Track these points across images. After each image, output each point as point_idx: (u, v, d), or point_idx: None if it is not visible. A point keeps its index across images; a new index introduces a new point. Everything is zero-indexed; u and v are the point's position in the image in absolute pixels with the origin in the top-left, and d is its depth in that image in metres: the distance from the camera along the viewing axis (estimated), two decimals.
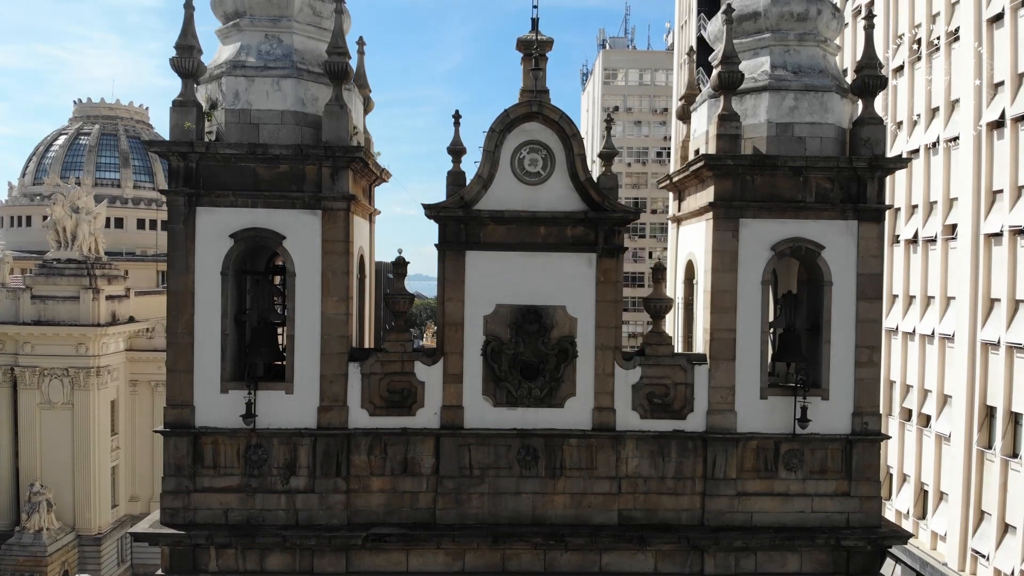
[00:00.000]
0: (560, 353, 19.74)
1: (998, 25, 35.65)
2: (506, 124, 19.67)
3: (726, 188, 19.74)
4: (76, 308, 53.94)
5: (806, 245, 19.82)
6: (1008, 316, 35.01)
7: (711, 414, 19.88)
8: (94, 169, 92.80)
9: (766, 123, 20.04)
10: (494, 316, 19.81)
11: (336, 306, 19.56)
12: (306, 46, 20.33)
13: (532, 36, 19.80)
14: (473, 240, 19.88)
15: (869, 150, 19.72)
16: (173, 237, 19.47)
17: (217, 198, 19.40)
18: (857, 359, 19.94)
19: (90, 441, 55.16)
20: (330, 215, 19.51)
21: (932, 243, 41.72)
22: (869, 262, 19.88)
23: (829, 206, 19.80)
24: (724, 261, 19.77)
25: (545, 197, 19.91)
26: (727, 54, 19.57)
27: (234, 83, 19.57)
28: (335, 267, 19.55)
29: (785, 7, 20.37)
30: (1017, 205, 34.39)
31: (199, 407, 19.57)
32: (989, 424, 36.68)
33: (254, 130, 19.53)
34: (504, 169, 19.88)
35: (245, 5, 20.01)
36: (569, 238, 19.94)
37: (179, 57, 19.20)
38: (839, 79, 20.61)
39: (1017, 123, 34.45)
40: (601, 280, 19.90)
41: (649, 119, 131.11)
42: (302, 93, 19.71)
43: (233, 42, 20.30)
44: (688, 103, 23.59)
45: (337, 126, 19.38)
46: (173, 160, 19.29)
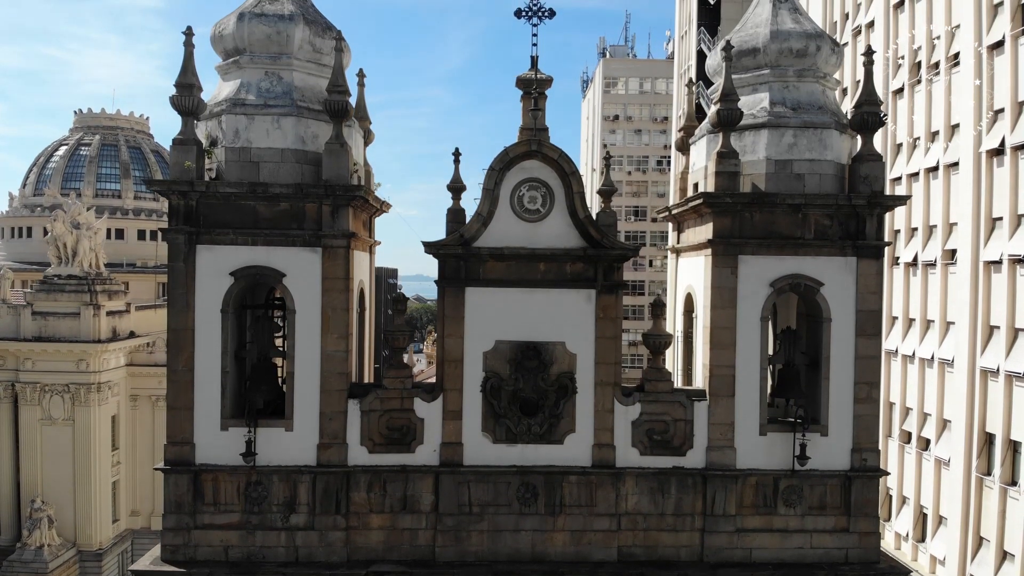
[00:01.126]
0: (560, 389, 19.77)
1: (999, 52, 35.66)
2: (505, 162, 19.73)
3: (725, 225, 19.78)
4: (77, 324, 53.96)
5: (805, 282, 19.85)
6: (1007, 344, 34.96)
7: (711, 450, 19.91)
8: (95, 180, 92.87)
9: (765, 160, 20.07)
10: (494, 352, 19.84)
11: (336, 343, 19.59)
12: (306, 83, 20.39)
13: (531, 75, 19.84)
14: (473, 276, 19.93)
15: (868, 187, 19.76)
16: (173, 275, 19.51)
17: (217, 236, 19.45)
18: (856, 395, 19.98)
19: (91, 457, 55.16)
20: (330, 253, 19.56)
21: (932, 267, 41.69)
22: (868, 299, 19.92)
23: (828, 243, 19.83)
24: (723, 298, 19.81)
25: (544, 234, 19.95)
26: (726, 91, 19.60)
27: (234, 121, 19.62)
28: (335, 304, 19.59)
29: (784, 44, 20.42)
30: (1017, 233, 34.39)
31: (199, 444, 19.60)
32: (988, 451, 36.63)
33: (254, 168, 19.58)
34: (504, 206, 19.92)
35: (245, 42, 20.05)
36: (568, 274, 19.98)
37: (179, 95, 19.23)
38: (838, 115, 20.66)
39: (1017, 151, 34.43)
40: (600, 316, 19.94)
41: (649, 127, 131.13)
42: (302, 131, 19.76)
43: (233, 79, 20.36)
44: (687, 135, 23.63)
45: (337, 164, 19.43)
46: (173, 198, 19.33)
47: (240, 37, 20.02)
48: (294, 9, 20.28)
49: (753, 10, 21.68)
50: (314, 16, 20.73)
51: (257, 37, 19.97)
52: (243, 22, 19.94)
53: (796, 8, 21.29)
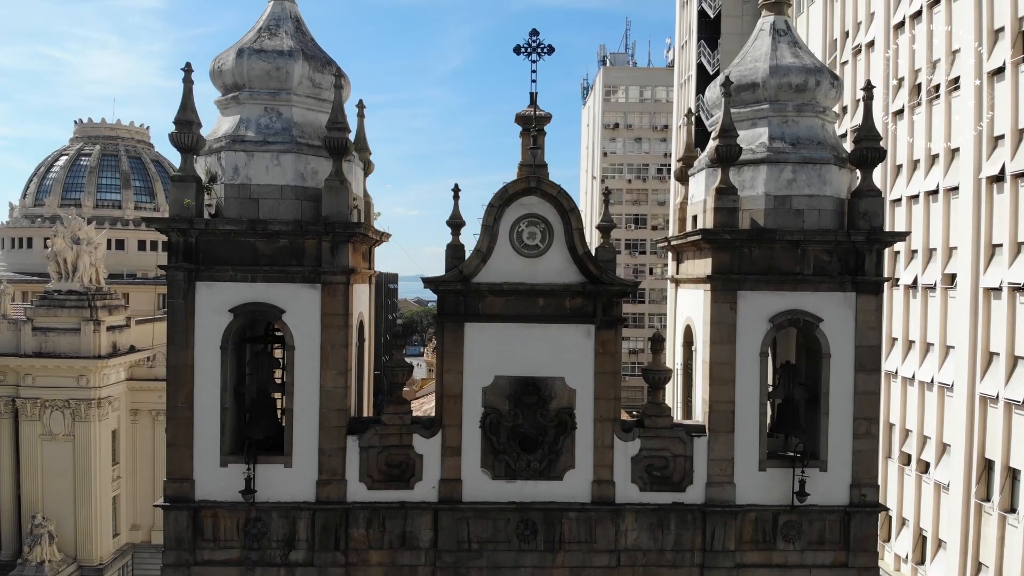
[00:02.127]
0: (559, 425, 19.78)
1: (999, 78, 35.63)
2: (505, 199, 19.75)
3: (724, 261, 19.80)
4: (77, 340, 53.95)
5: (804, 317, 19.87)
6: (1007, 371, 34.91)
7: (710, 486, 19.92)
8: (95, 191, 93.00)
9: (764, 196, 20.08)
10: (493, 388, 19.85)
11: (335, 379, 19.61)
12: (306, 118, 20.41)
13: (531, 112, 19.86)
14: (472, 312, 19.94)
15: (867, 223, 19.77)
16: (173, 312, 19.53)
17: (217, 273, 19.47)
18: (855, 431, 19.99)
19: (91, 472, 55.12)
20: (330, 289, 19.57)
21: (931, 290, 41.67)
22: (867, 334, 19.92)
23: (827, 279, 19.85)
24: (722, 333, 19.82)
25: (544, 269, 19.97)
26: (725, 127, 19.63)
27: (234, 158, 19.64)
28: (334, 340, 19.60)
29: (784, 79, 20.43)
30: (1017, 261, 34.39)
31: (199, 481, 19.61)
32: (987, 477, 36.56)
33: (254, 205, 19.60)
34: (503, 242, 19.95)
35: (244, 78, 20.07)
36: (568, 309, 19.99)
37: (178, 132, 19.24)
38: (838, 149, 20.66)
39: (1017, 179, 34.38)
40: (600, 351, 19.94)
41: (649, 135, 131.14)
42: (302, 167, 19.77)
43: (232, 114, 20.38)
44: (686, 166, 23.61)
45: (337, 201, 19.45)
46: (173, 236, 19.35)
47: (239, 73, 20.04)
48: (293, 45, 20.30)
49: (752, 43, 21.70)
50: (313, 51, 20.75)
51: (256, 73, 19.99)
52: (242, 58, 19.95)
53: (795, 42, 21.31)
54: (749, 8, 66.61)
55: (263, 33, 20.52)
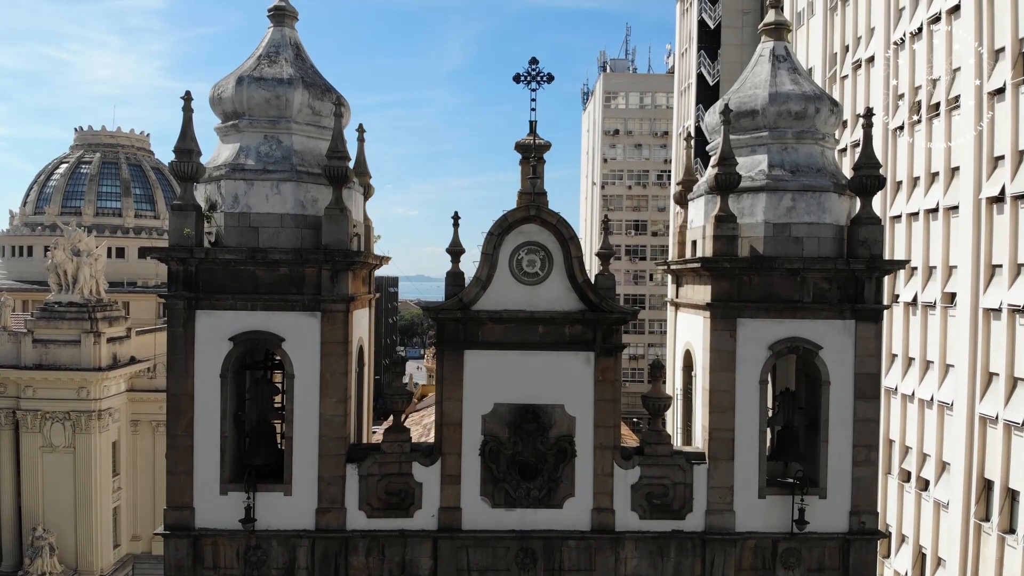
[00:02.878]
0: (559, 453, 19.78)
1: (999, 98, 35.53)
2: (504, 227, 19.77)
3: (723, 288, 19.82)
4: (77, 352, 53.97)
5: (804, 345, 19.88)
6: (1006, 393, 34.81)
7: (710, 514, 19.92)
8: (95, 199, 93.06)
9: (763, 223, 20.09)
10: (492, 415, 19.85)
11: (334, 407, 19.62)
12: (306, 146, 20.42)
13: (530, 140, 19.89)
14: (472, 339, 19.95)
15: (867, 250, 19.77)
16: (173, 340, 19.54)
17: (217, 301, 19.48)
18: (855, 458, 19.99)
19: (92, 484, 55.15)
20: (329, 317, 19.58)
21: (931, 308, 41.55)
22: (867, 362, 19.93)
23: (827, 306, 19.86)
24: (722, 361, 19.83)
25: (543, 297, 19.98)
26: (724, 155, 19.65)
27: (233, 186, 19.65)
28: (334, 368, 19.61)
29: (783, 106, 20.45)
30: (1016, 283, 34.30)
31: (199, 509, 19.62)
32: (987, 497, 36.47)
33: (253, 233, 19.61)
34: (502, 270, 19.96)
35: (244, 106, 20.09)
36: (567, 337, 20.00)
37: (178, 162, 19.25)
38: (837, 176, 20.67)
39: (1018, 200, 34.28)
40: (599, 379, 19.95)
41: (650, 142, 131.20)
42: (301, 196, 19.79)
43: (232, 142, 20.39)
44: (685, 189, 23.62)
45: (337, 229, 19.46)
46: (173, 265, 19.36)
47: (239, 101, 20.06)
48: (293, 73, 20.32)
49: (752, 69, 21.71)
50: (313, 78, 20.77)
51: (256, 101, 20.01)
52: (242, 86, 19.97)
53: (795, 68, 21.33)
54: (749, 19, 66.63)
55: (263, 60, 20.54)
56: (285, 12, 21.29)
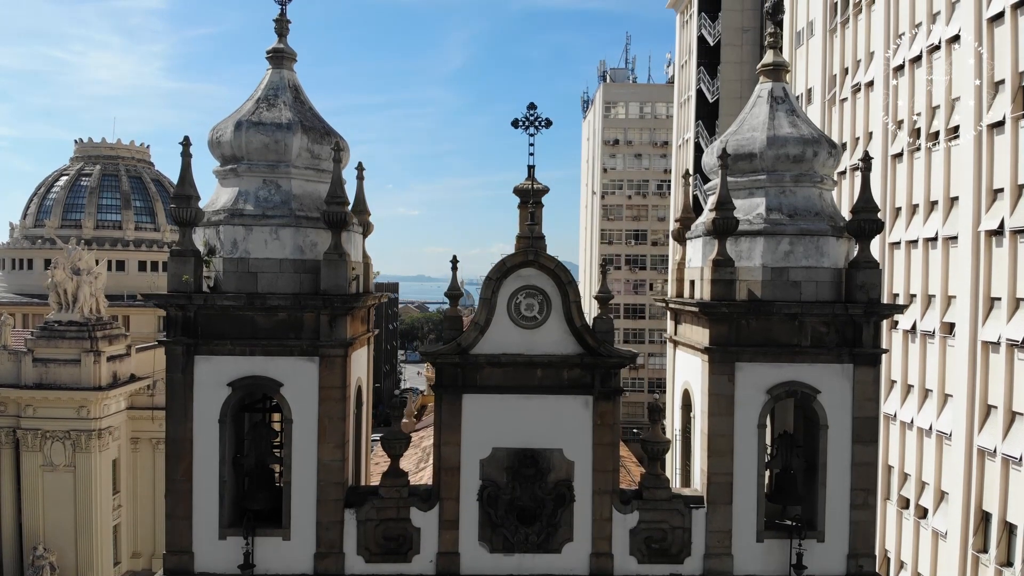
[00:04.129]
0: (557, 498, 19.77)
1: (999, 131, 35.53)
2: (503, 272, 19.80)
3: (721, 332, 19.83)
4: (77, 371, 53.97)
5: (802, 389, 19.89)
6: (1004, 426, 34.76)
7: (708, 558, 19.92)
8: (95, 211, 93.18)
9: (761, 267, 20.11)
10: (490, 460, 19.86)
11: (332, 452, 19.64)
12: (304, 189, 20.46)
13: (528, 185, 19.91)
14: (470, 383, 19.96)
15: (865, 294, 19.79)
16: (171, 386, 19.57)
17: (215, 346, 19.50)
18: (853, 502, 19.99)
19: (92, 503, 55.08)
20: (328, 362, 19.60)
21: (930, 337, 41.49)
22: (865, 405, 19.94)
23: (825, 350, 19.88)
24: (720, 405, 19.84)
25: (541, 341, 20.00)
26: (722, 200, 19.68)
27: (232, 232, 19.68)
28: (332, 413, 19.63)
29: (781, 150, 20.47)
30: (1015, 317, 34.29)
31: (198, 553, 19.63)
32: (984, 529, 36.40)
33: (252, 279, 19.63)
34: (501, 314, 19.98)
35: (243, 151, 20.12)
36: (566, 380, 20.02)
37: (177, 208, 19.32)
38: (835, 218, 20.68)
39: (1017, 235, 34.24)
40: (598, 423, 19.96)
41: (649, 151, 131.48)
42: (300, 240, 19.81)
43: (231, 186, 20.43)
44: (683, 227, 23.58)
45: (336, 274, 19.48)
46: (172, 310, 19.39)
47: (238, 146, 20.10)
48: (292, 117, 20.35)
49: (750, 110, 21.72)
50: (312, 122, 20.79)
51: (255, 146, 20.05)
52: (240, 131, 20.01)
53: (793, 110, 21.36)
54: (749, 37, 66.69)
55: (261, 104, 20.58)
56: (283, 54, 21.32)
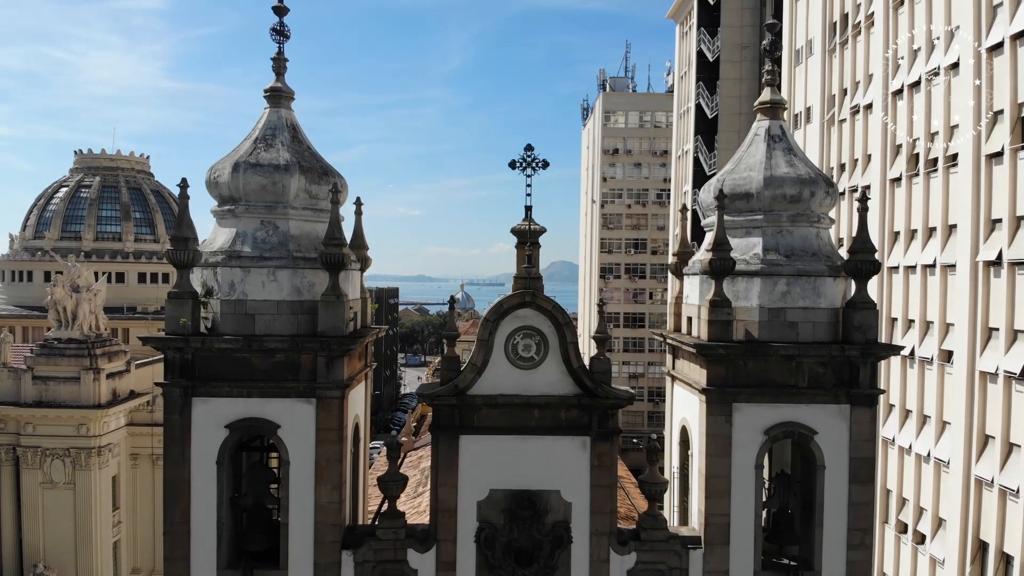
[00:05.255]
0: (555, 539, 19.78)
1: (997, 162, 35.45)
2: (500, 313, 19.82)
3: (719, 373, 19.85)
4: (77, 389, 53.94)
5: (799, 430, 19.92)
6: (1002, 457, 34.66)
7: None
8: (95, 223, 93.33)
9: (758, 308, 20.13)
10: (488, 501, 19.87)
11: (329, 494, 19.64)
12: (303, 230, 20.47)
13: (525, 226, 19.94)
14: (467, 424, 19.98)
15: (862, 335, 19.81)
16: (169, 428, 19.59)
17: (213, 388, 19.52)
18: (850, 541, 20.02)
19: (92, 520, 55.04)
20: (325, 404, 19.61)
21: (929, 364, 41.38)
22: (862, 446, 19.96)
23: (822, 391, 19.90)
24: (718, 446, 19.86)
25: (539, 381, 20.01)
26: (719, 241, 19.70)
27: (230, 274, 19.70)
28: (329, 455, 19.64)
29: (778, 190, 20.50)
30: (1013, 349, 34.23)
31: None
32: (982, 558, 36.30)
33: (250, 320, 19.65)
34: (498, 354, 20.00)
35: (240, 192, 20.14)
36: (563, 421, 20.03)
37: (175, 250, 19.34)
38: (832, 257, 20.70)
39: (1015, 267, 34.20)
40: (596, 464, 19.98)
41: (649, 161, 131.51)
42: (298, 282, 19.83)
43: (228, 226, 20.44)
44: (681, 261, 23.57)
45: (333, 316, 19.50)
46: (169, 352, 19.42)
47: (235, 187, 20.12)
48: (290, 157, 20.36)
49: (747, 148, 21.74)
50: (310, 162, 20.79)
51: (252, 187, 20.06)
52: (238, 172, 20.03)
53: (791, 148, 21.37)
54: (748, 53, 66.73)
55: (259, 144, 20.59)
56: (281, 93, 21.34)
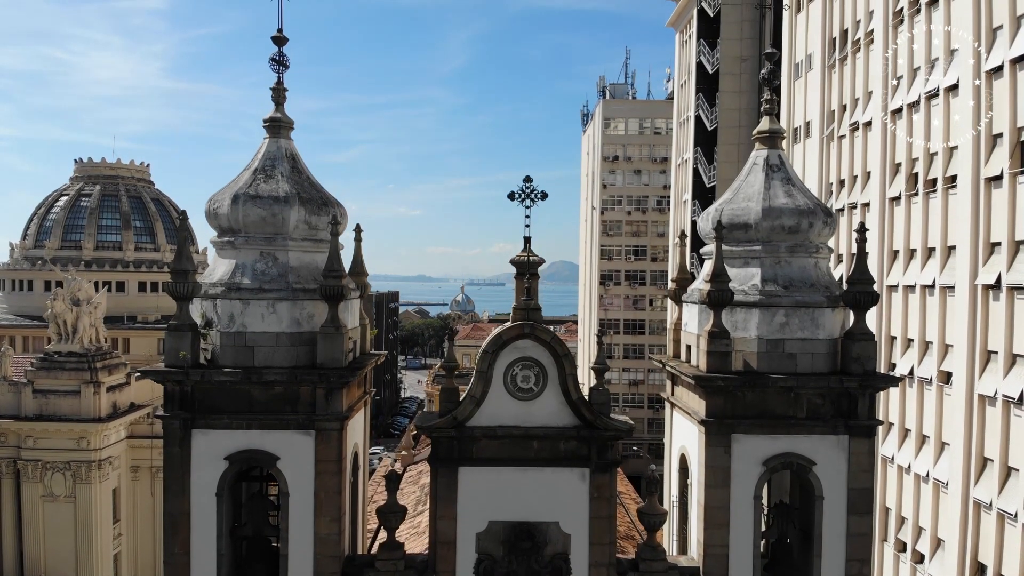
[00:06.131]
0: (554, 571, 19.78)
1: (996, 185, 35.41)
2: (499, 344, 19.84)
3: (717, 405, 19.88)
4: (77, 402, 54.04)
5: (798, 461, 19.94)
6: (1000, 480, 34.60)
7: None
8: (95, 232, 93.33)
9: (757, 339, 20.15)
10: (487, 533, 19.88)
11: (329, 526, 19.66)
12: (302, 261, 20.50)
13: (524, 257, 19.98)
14: (466, 456, 19.99)
15: (860, 367, 19.84)
16: (169, 460, 19.62)
17: (212, 420, 19.54)
18: (848, 572, 20.03)
19: (93, 533, 55.15)
20: (324, 436, 19.63)
21: (928, 384, 41.32)
22: (860, 477, 20.00)
23: (820, 422, 19.93)
24: (717, 477, 19.88)
25: (538, 413, 20.03)
26: (717, 272, 19.73)
27: (229, 306, 19.73)
28: (328, 487, 19.65)
29: (776, 221, 20.53)
30: (1011, 373, 34.21)
31: None
32: None
33: (249, 352, 19.68)
34: (497, 386, 20.02)
35: (240, 224, 20.18)
36: (562, 452, 20.05)
37: (174, 283, 19.36)
38: (831, 287, 20.72)
39: (1014, 291, 34.16)
40: (595, 496, 19.99)
41: (649, 168, 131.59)
42: (297, 314, 19.86)
43: (228, 257, 20.47)
44: (680, 287, 23.57)
45: (332, 348, 19.52)
46: (169, 385, 19.45)
47: (235, 219, 20.15)
48: (289, 189, 20.39)
49: (745, 178, 21.77)
50: (309, 192, 20.82)
51: (252, 219, 20.09)
52: (237, 204, 20.06)
53: (789, 178, 21.40)
54: (748, 66, 66.75)
55: (258, 176, 20.62)
56: (281, 123, 21.38)
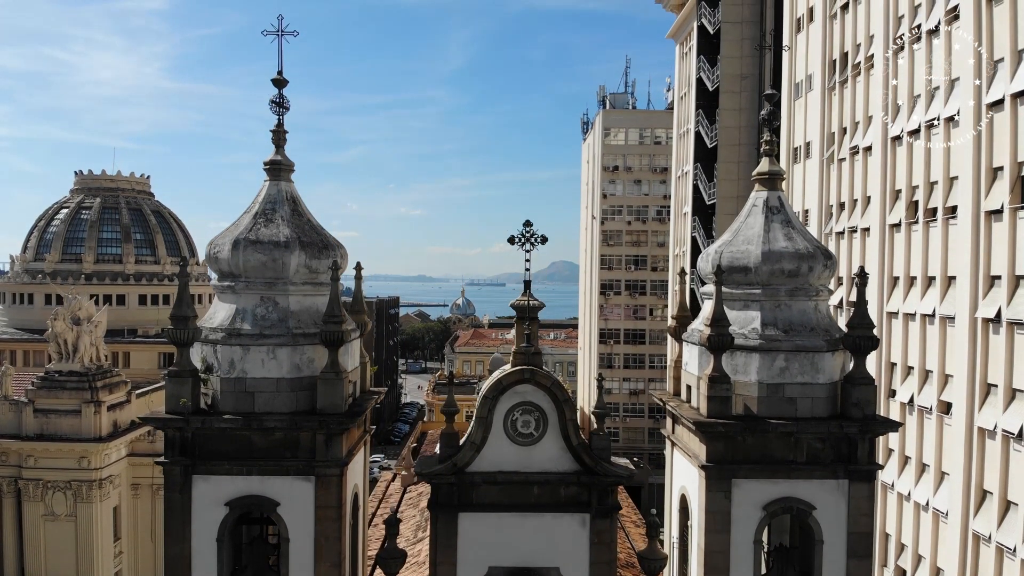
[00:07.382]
0: None
1: (996, 218, 35.28)
2: (500, 390, 19.87)
3: (718, 449, 19.88)
4: (78, 422, 53.94)
5: (798, 505, 19.95)
6: (999, 513, 34.51)
7: None
8: (96, 245, 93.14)
9: (757, 384, 20.16)
10: None
11: (328, 572, 19.67)
12: (302, 305, 20.52)
13: (524, 302, 20.01)
14: (466, 502, 20.03)
15: (860, 411, 19.85)
16: (170, 506, 19.65)
17: (213, 466, 19.57)
18: None
19: (94, 552, 55.03)
20: (324, 481, 19.65)
21: (928, 413, 41.23)
22: (860, 521, 20.00)
23: (820, 467, 19.94)
24: (717, 522, 19.88)
25: (538, 458, 20.06)
26: (717, 316, 19.73)
27: (229, 352, 19.76)
28: (328, 533, 19.67)
29: (776, 265, 20.55)
30: (1011, 407, 34.16)
31: None
32: None
33: (249, 398, 19.70)
34: (497, 431, 20.05)
35: (240, 269, 20.21)
36: (562, 498, 20.08)
37: (175, 329, 19.38)
38: (831, 331, 20.72)
39: (1013, 326, 34.13)
40: (595, 541, 20.01)
41: (649, 177, 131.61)
42: (297, 359, 19.88)
43: (228, 302, 20.49)
44: (680, 325, 23.59)
45: (332, 393, 19.56)
46: (170, 431, 19.47)
47: (235, 264, 20.19)
48: (290, 233, 20.42)
49: (744, 219, 21.79)
50: (310, 236, 20.84)
51: (252, 264, 20.13)
52: (238, 250, 20.10)
53: (789, 220, 21.42)
54: (747, 84, 66.79)
55: (259, 220, 20.66)
56: (281, 166, 21.43)
